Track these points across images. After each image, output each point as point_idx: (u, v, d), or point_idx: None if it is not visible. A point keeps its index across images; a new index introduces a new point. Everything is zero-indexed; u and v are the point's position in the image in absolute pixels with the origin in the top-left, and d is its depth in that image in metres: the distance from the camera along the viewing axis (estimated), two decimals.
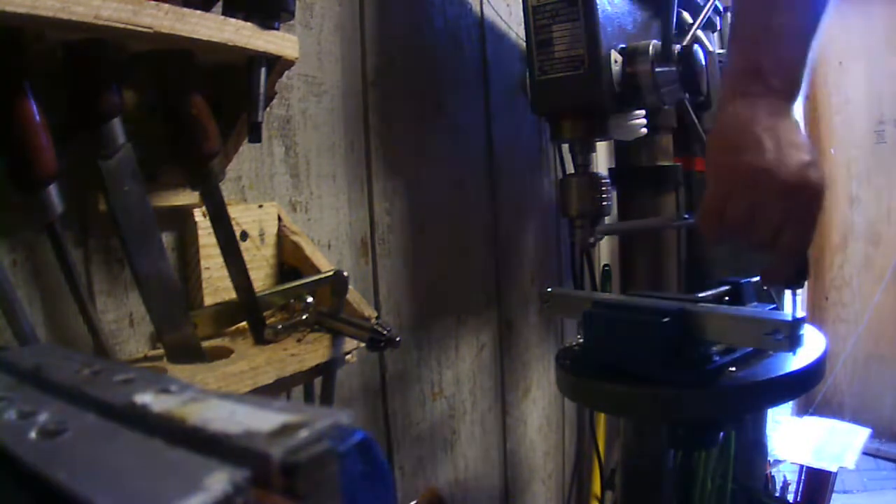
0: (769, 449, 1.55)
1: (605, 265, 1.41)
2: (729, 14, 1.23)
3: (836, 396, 2.61)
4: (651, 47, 0.76)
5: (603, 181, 0.84)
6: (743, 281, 0.74)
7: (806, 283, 0.67)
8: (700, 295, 0.70)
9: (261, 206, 0.67)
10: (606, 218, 0.85)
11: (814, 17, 0.63)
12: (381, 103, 0.87)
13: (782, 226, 0.59)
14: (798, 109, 0.63)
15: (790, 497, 1.66)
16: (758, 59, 0.62)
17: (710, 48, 1.13)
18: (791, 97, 0.63)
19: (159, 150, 0.56)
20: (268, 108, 0.63)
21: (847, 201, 2.62)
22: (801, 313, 0.56)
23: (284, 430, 0.20)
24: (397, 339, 0.62)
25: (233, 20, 0.52)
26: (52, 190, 0.46)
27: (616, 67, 0.76)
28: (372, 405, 0.87)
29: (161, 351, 0.55)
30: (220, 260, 0.59)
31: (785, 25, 0.63)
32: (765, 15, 0.64)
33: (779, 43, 0.63)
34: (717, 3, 1.04)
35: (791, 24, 0.63)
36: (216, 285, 0.62)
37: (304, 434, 0.20)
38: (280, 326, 0.60)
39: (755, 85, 0.62)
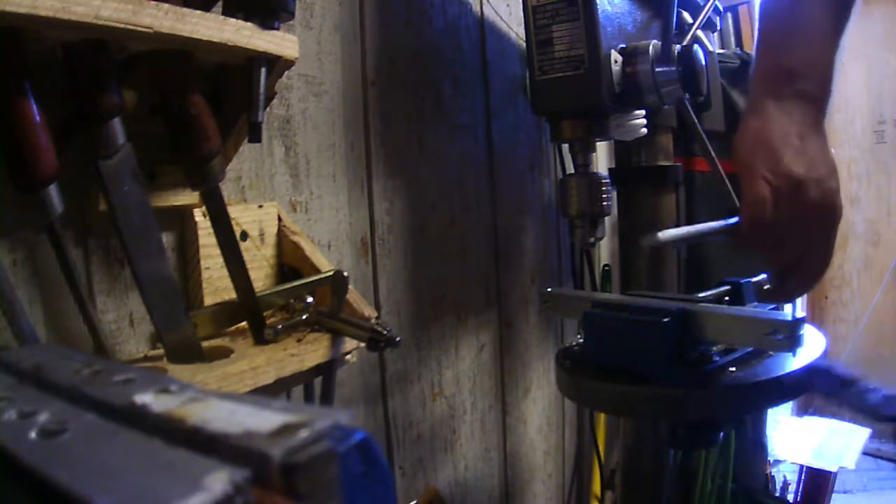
0: (769, 449, 1.55)
1: (605, 265, 1.41)
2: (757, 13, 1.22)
3: None
4: (651, 47, 0.76)
5: (603, 181, 0.83)
6: (743, 281, 0.74)
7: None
8: (700, 295, 0.70)
9: (261, 206, 0.67)
10: (607, 218, 0.85)
11: (842, 10, 0.61)
12: (381, 103, 0.87)
13: (804, 249, 0.58)
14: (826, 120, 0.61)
15: (790, 497, 1.66)
16: (788, 59, 0.60)
17: (710, 48, 1.13)
18: (823, 103, 0.60)
19: (159, 150, 0.56)
20: (268, 108, 0.63)
21: (847, 201, 2.61)
22: (801, 313, 0.56)
23: (284, 430, 0.20)
24: (397, 339, 0.62)
25: (233, 20, 0.52)
26: (52, 190, 0.46)
27: (616, 67, 0.76)
28: (372, 405, 0.87)
29: (161, 351, 0.55)
30: (220, 260, 0.59)
31: (814, 21, 0.60)
32: (792, 11, 0.61)
33: (807, 41, 0.60)
34: (717, 3, 1.04)
35: (819, 20, 0.60)
36: (216, 285, 0.62)
37: (304, 434, 0.20)
38: (280, 326, 0.60)
39: (786, 87, 0.59)
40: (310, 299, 0.64)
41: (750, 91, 0.64)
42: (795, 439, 1.81)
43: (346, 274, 0.64)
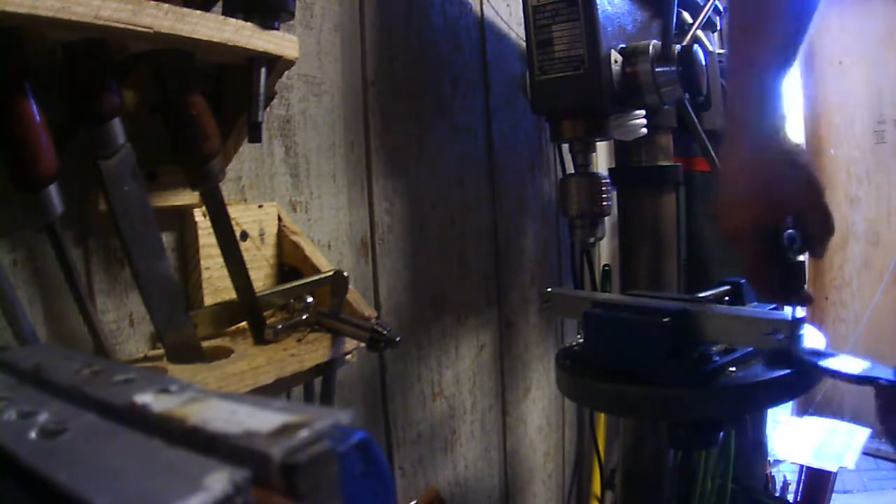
0: (769, 449, 1.55)
1: (605, 265, 1.41)
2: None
3: (836, 396, 2.60)
4: (651, 47, 0.76)
5: (603, 181, 0.84)
6: (743, 281, 0.74)
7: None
8: (700, 295, 0.70)
9: (261, 206, 0.67)
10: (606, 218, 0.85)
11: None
12: (381, 103, 0.87)
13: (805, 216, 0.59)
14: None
15: (790, 497, 1.66)
16: (757, 14, 0.60)
17: (710, 48, 1.13)
18: (785, 59, 0.60)
19: (159, 150, 0.56)
20: (268, 108, 0.63)
21: (847, 201, 2.62)
22: (800, 313, 0.56)
23: (284, 430, 0.20)
24: (397, 339, 0.62)
25: (233, 20, 0.52)
26: (52, 190, 0.46)
27: (616, 67, 0.76)
28: (372, 405, 0.87)
29: (161, 351, 0.55)
30: (220, 260, 0.59)
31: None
32: None
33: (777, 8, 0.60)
34: (717, 3, 1.04)
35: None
36: (216, 285, 0.62)
37: (304, 434, 0.20)
38: (280, 326, 0.60)
39: (754, 44, 0.60)
40: (310, 299, 0.64)
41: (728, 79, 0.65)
42: (795, 439, 1.81)
43: (346, 274, 0.64)
